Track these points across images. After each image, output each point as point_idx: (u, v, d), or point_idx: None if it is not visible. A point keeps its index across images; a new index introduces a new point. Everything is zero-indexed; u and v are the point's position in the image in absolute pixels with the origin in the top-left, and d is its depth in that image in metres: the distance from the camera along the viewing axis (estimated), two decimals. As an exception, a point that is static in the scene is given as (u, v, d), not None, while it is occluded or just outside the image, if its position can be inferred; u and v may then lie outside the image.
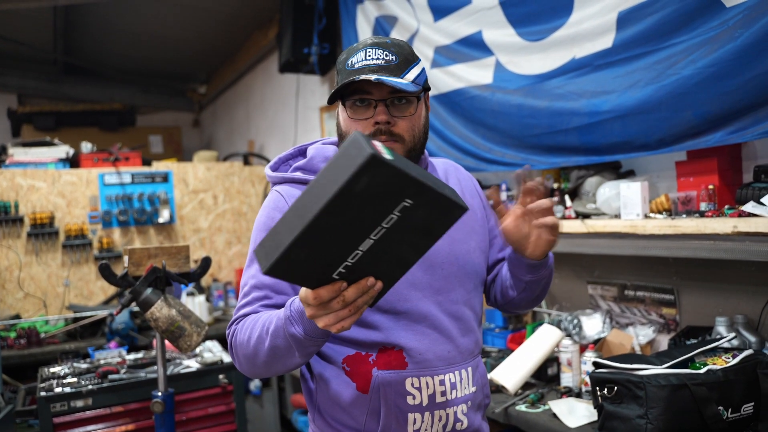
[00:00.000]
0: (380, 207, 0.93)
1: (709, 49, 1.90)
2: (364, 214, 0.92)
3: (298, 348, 1.17)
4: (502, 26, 2.66)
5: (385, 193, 0.91)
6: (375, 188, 0.89)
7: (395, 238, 0.97)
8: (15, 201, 4.04)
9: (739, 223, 1.82)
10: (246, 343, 1.27)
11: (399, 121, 1.33)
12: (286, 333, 1.16)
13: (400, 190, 0.92)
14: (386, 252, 0.99)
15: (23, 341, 3.49)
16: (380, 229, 0.94)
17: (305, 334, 1.13)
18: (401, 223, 0.95)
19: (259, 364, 1.26)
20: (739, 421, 1.70)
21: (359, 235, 0.94)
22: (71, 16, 5.08)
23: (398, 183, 0.91)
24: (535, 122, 2.52)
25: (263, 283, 1.34)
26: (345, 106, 1.35)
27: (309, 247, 0.91)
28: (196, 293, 3.96)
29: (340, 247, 0.94)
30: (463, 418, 1.38)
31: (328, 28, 4.11)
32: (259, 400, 4.00)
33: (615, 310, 2.59)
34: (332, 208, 0.88)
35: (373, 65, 1.30)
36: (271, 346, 1.20)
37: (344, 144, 0.90)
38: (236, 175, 4.86)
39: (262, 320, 1.25)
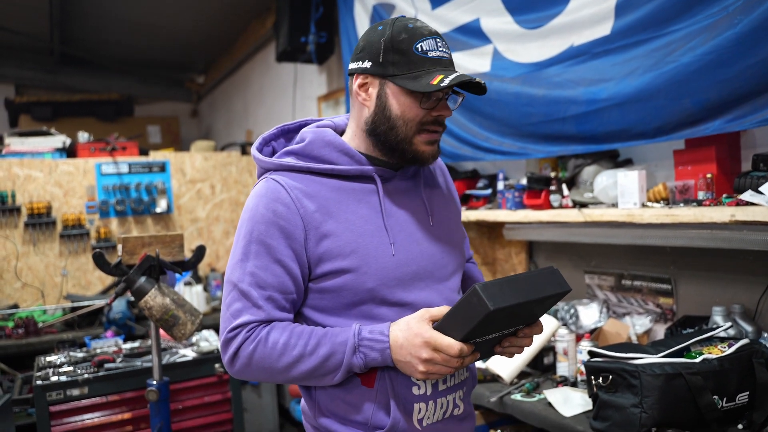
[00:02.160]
0: (521, 319, 1.25)
1: (708, 36, 1.88)
2: (518, 317, 1.23)
3: (343, 374, 1.26)
4: (499, 14, 2.63)
5: (533, 314, 1.27)
6: (542, 307, 1.26)
7: (489, 343, 1.27)
8: (12, 191, 4.03)
9: (736, 212, 1.81)
10: (276, 357, 1.25)
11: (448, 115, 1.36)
12: (345, 359, 1.24)
13: (533, 317, 1.28)
14: (478, 347, 1.23)
15: (21, 331, 3.49)
16: (501, 333, 1.25)
17: (365, 365, 1.24)
18: (503, 335, 1.28)
19: (281, 378, 1.29)
20: (733, 410, 1.70)
21: (498, 328, 1.22)
22: (68, 6, 5.05)
23: (541, 313, 1.29)
24: (533, 111, 2.50)
25: (266, 282, 1.27)
26: (408, 91, 1.29)
27: (501, 316, 1.14)
28: (194, 283, 3.95)
29: (486, 330, 1.18)
30: (460, 403, 1.40)
31: (325, 17, 4.08)
32: (257, 389, 3.99)
33: (612, 299, 2.59)
34: (536, 301, 1.18)
35: (446, 59, 1.31)
36: (315, 367, 1.25)
37: (551, 270, 1.24)
38: (234, 164, 4.84)
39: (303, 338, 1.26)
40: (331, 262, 1.28)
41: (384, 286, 1.30)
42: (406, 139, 1.31)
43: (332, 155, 1.34)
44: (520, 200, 2.67)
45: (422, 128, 1.31)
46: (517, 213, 2.64)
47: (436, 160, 1.41)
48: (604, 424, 1.76)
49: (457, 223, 1.53)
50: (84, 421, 2.55)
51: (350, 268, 1.28)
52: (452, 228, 1.48)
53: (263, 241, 1.28)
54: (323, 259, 1.28)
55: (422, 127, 1.31)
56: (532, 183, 2.58)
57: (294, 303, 1.32)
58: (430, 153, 1.33)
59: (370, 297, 1.29)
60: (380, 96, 1.32)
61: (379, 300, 1.30)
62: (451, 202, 1.53)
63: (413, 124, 1.30)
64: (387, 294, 1.30)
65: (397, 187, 1.39)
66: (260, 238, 1.28)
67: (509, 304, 1.11)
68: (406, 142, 1.31)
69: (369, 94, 1.34)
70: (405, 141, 1.31)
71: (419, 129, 1.31)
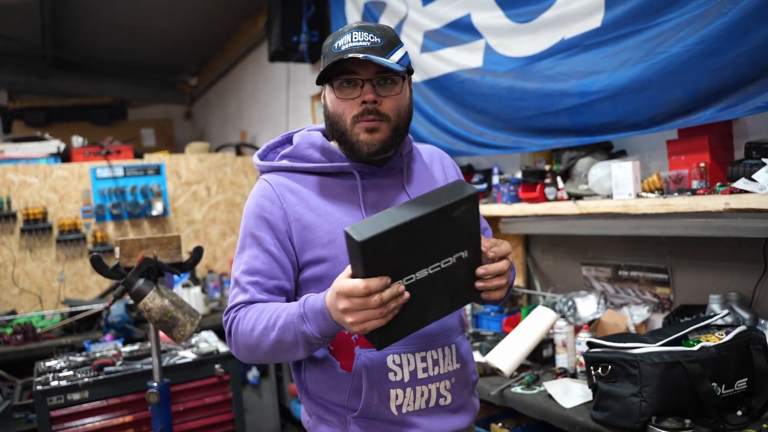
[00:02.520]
0: (450, 244, 1.15)
1: (698, 25, 1.88)
2: (438, 242, 1.13)
3: (304, 345, 1.25)
4: (490, 8, 2.64)
5: (460, 233, 1.15)
6: (461, 221, 1.13)
7: (437, 285, 1.16)
8: (7, 197, 4.03)
9: (730, 200, 1.82)
10: (249, 333, 1.32)
11: (385, 101, 1.36)
12: (296, 330, 1.23)
13: (468, 238, 1.16)
14: (426, 294, 1.16)
15: (20, 337, 3.48)
16: (437, 267, 1.14)
17: (319, 334, 1.21)
18: (450, 271, 1.16)
19: (260, 354, 1.33)
20: (732, 396, 1.71)
21: (423, 261, 1.13)
22: (59, 9, 5.03)
23: (471, 228, 1.16)
24: (526, 104, 2.51)
25: (255, 269, 1.37)
26: (333, 87, 1.37)
27: (395, 243, 1.08)
28: (192, 284, 3.95)
29: (409, 262, 1.12)
30: (447, 393, 1.41)
31: (316, 16, 4.08)
32: (258, 389, 4.00)
33: (609, 290, 2.60)
34: (430, 218, 1.09)
35: (360, 47, 1.32)
36: (277, 339, 1.27)
37: (451, 183, 1.16)
38: (229, 165, 4.84)
39: (269, 312, 1.29)
40: (311, 251, 1.37)
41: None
42: (347, 132, 1.37)
43: (315, 155, 1.43)
44: (515, 194, 2.68)
45: (357, 119, 1.35)
46: (512, 207, 2.65)
47: (376, 150, 1.37)
48: (605, 414, 1.77)
49: None
50: (85, 425, 2.55)
51: (327, 257, 1.36)
52: None
53: (253, 234, 1.40)
54: (305, 249, 1.37)
55: (357, 119, 1.35)
56: (527, 176, 2.59)
57: (283, 290, 1.38)
58: (365, 141, 1.36)
59: None
60: (324, 100, 1.43)
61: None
62: None
63: (346, 117, 1.36)
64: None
65: (379, 183, 1.44)
66: (251, 231, 1.40)
67: (384, 231, 1.05)
68: (347, 134, 1.37)
69: (323, 101, 1.45)
70: (346, 133, 1.38)
71: (354, 121, 1.36)
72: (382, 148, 1.37)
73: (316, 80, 1.39)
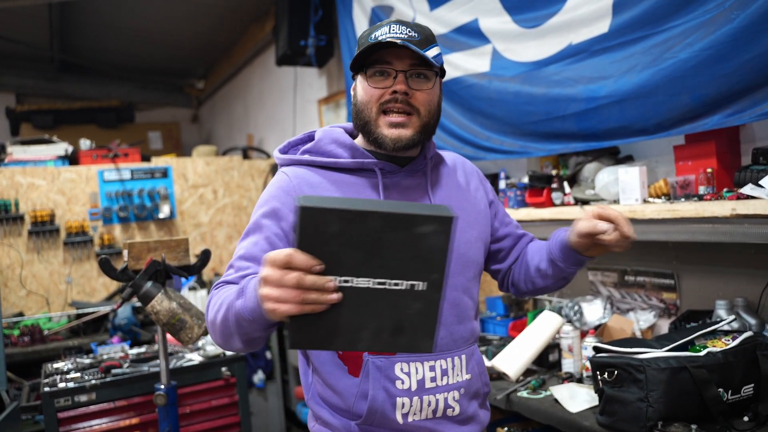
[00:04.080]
0: (407, 266, 0.98)
1: (705, 31, 1.89)
2: (393, 256, 0.97)
3: (234, 324, 1.14)
4: (498, 14, 2.65)
5: (421, 258, 0.98)
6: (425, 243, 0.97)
7: (378, 308, 1.00)
8: (15, 199, 4.05)
9: (737, 206, 1.82)
10: (210, 311, 1.25)
11: (417, 94, 1.34)
12: (232, 306, 1.15)
13: (428, 268, 0.99)
14: (363, 310, 1.00)
15: (27, 339, 3.50)
16: (383, 283, 0.99)
17: (245, 310, 1.10)
18: (398, 297, 1.00)
19: (217, 335, 1.24)
20: (739, 402, 1.71)
21: (369, 269, 0.98)
22: (67, 14, 5.07)
23: (436, 258, 0.98)
24: (533, 109, 2.52)
25: (251, 255, 1.32)
26: (365, 76, 1.36)
27: (342, 229, 0.94)
28: (198, 287, 3.96)
29: (352, 263, 0.97)
30: (455, 404, 1.38)
31: (324, 20, 4.10)
32: (263, 392, 4.01)
33: (615, 295, 2.60)
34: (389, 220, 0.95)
35: (397, 37, 1.31)
36: (223, 318, 1.18)
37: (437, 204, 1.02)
38: (236, 169, 4.86)
39: (229, 290, 1.22)
40: None
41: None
42: (371, 121, 1.36)
43: (337, 150, 1.42)
44: (522, 199, 2.68)
45: (382, 108, 1.35)
46: (519, 211, 2.66)
47: (402, 146, 1.35)
48: (611, 418, 1.77)
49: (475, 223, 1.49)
50: (92, 426, 2.56)
51: None
52: (461, 229, 1.45)
53: (258, 222, 1.36)
54: None
55: (382, 107, 1.35)
56: (533, 181, 2.59)
57: None
58: (390, 137, 1.34)
59: None
60: (354, 91, 1.42)
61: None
62: (469, 202, 1.50)
63: (372, 104, 1.35)
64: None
65: (401, 183, 1.42)
66: (258, 219, 1.37)
67: (330, 207, 0.92)
68: (372, 124, 1.36)
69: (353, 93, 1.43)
70: (370, 123, 1.37)
71: (380, 109, 1.35)
72: (408, 143, 1.35)
73: (350, 65, 1.38)
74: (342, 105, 4.33)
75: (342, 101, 4.31)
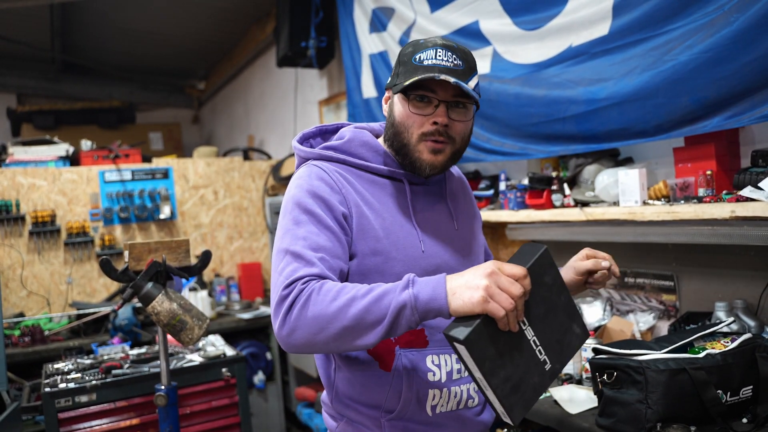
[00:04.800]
0: (554, 345, 1.20)
1: (705, 34, 1.89)
2: (552, 329, 1.19)
3: (391, 318, 1.12)
4: (498, 16, 2.65)
5: (563, 347, 1.22)
6: (569, 338, 1.22)
7: (522, 361, 1.16)
8: (16, 200, 4.05)
9: (737, 208, 1.82)
10: (327, 303, 1.15)
11: (455, 124, 1.36)
12: (394, 298, 1.12)
13: (561, 357, 1.22)
14: (516, 353, 1.15)
15: (27, 339, 3.51)
16: (537, 345, 1.17)
17: (417, 300, 1.11)
18: (534, 364, 1.18)
19: (330, 330, 1.16)
20: (738, 404, 1.71)
21: (538, 328, 1.16)
22: (68, 14, 5.08)
23: (568, 353, 1.23)
24: (533, 111, 2.52)
25: (318, 245, 1.26)
26: (406, 98, 1.36)
27: (549, 283, 1.17)
28: (199, 288, 3.97)
29: (535, 312, 1.16)
30: (474, 395, 1.43)
31: (325, 21, 4.10)
32: (264, 393, 4.01)
33: (615, 297, 2.60)
34: (572, 305, 1.21)
35: (443, 66, 1.32)
36: (366, 308, 1.13)
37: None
38: (236, 170, 4.87)
39: (357, 287, 1.17)
40: (366, 241, 1.33)
41: (410, 273, 1.26)
42: (409, 145, 1.37)
43: (368, 154, 1.43)
44: (522, 200, 2.68)
45: (424, 137, 1.35)
46: (519, 213, 2.66)
47: (436, 172, 1.39)
48: (610, 420, 1.77)
49: (479, 229, 1.62)
50: (93, 427, 2.57)
51: (381, 250, 1.33)
52: (475, 234, 1.57)
53: (311, 211, 1.30)
54: (361, 237, 1.33)
55: (424, 137, 1.35)
56: (533, 183, 2.60)
57: (342, 273, 1.29)
58: (429, 162, 1.36)
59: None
60: (390, 105, 1.43)
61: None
62: (472, 214, 1.61)
63: (413, 131, 1.36)
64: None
65: (424, 191, 1.47)
66: (308, 208, 1.30)
67: (555, 265, 1.17)
68: (410, 147, 1.37)
69: (388, 106, 1.44)
70: (408, 146, 1.37)
71: (421, 137, 1.35)
72: (441, 170, 1.39)
73: (393, 87, 1.37)
74: (342, 106, 4.33)
75: (342, 102, 4.32)
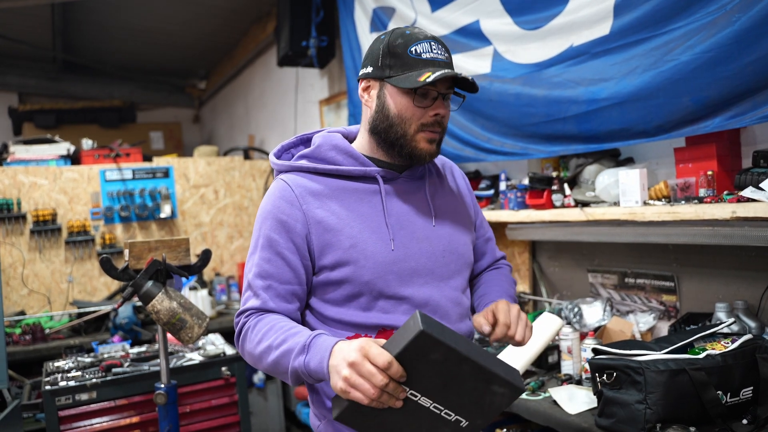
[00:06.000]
0: (466, 406, 1.15)
1: (706, 34, 1.89)
2: (460, 395, 1.13)
3: (293, 376, 1.24)
4: (499, 15, 2.65)
5: (481, 406, 1.16)
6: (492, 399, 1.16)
7: (420, 425, 1.14)
8: (17, 198, 4.05)
9: (738, 209, 1.82)
10: (255, 344, 1.32)
11: (446, 115, 1.41)
12: (291, 360, 1.22)
13: (480, 415, 1.17)
14: (406, 421, 1.14)
15: (28, 337, 3.51)
16: (438, 410, 1.13)
17: (306, 368, 1.19)
18: (441, 424, 1.15)
19: (261, 367, 1.34)
20: (738, 405, 1.71)
21: (435, 395, 1.12)
22: (69, 14, 5.08)
23: (491, 411, 1.17)
24: (534, 111, 2.52)
25: (267, 273, 1.37)
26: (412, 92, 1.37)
27: (440, 360, 1.07)
28: (199, 287, 3.97)
29: (427, 384, 1.10)
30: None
31: (325, 21, 4.10)
32: (263, 392, 4.01)
33: (615, 297, 2.60)
34: (479, 371, 1.10)
35: (441, 60, 1.36)
36: (275, 361, 1.26)
37: (511, 367, 1.16)
38: (237, 169, 4.87)
39: (277, 331, 1.28)
40: (331, 254, 1.36)
41: (381, 279, 1.35)
42: (406, 136, 1.39)
43: (338, 157, 1.44)
44: (522, 200, 2.68)
45: (422, 128, 1.38)
46: (519, 213, 2.66)
47: (433, 159, 1.45)
48: (609, 420, 1.77)
49: (467, 225, 1.57)
50: (93, 425, 2.57)
51: (349, 260, 1.35)
52: (459, 229, 1.52)
53: (267, 235, 1.38)
54: (324, 252, 1.36)
55: (423, 128, 1.38)
56: (534, 183, 2.59)
57: (295, 295, 1.38)
58: (428, 151, 1.40)
59: (368, 289, 1.36)
60: (380, 97, 1.42)
61: (376, 293, 1.36)
62: (462, 205, 1.58)
63: (412, 122, 1.38)
64: (384, 287, 1.36)
65: (400, 188, 1.46)
66: (266, 233, 1.39)
67: (443, 341, 1.05)
68: (405, 138, 1.39)
69: (371, 96, 1.43)
70: (404, 138, 1.39)
71: (419, 128, 1.38)
72: (434, 155, 1.43)
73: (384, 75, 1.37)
74: (343, 106, 4.33)
75: (343, 102, 4.31)
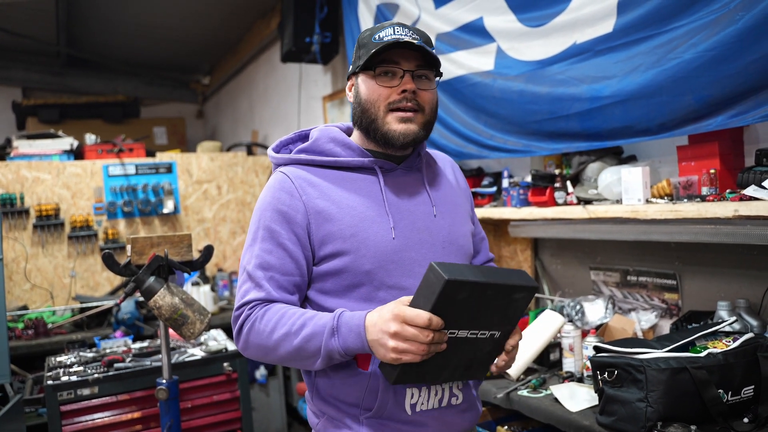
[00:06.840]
0: (495, 320, 1.24)
1: (709, 32, 1.89)
2: (488, 314, 1.21)
3: (324, 358, 1.26)
4: (503, 12, 2.65)
5: (507, 315, 1.25)
6: (514, 305, 1.24)
7: (464, 351, 1.23)
8: (20, 193, 4.06)
9: (740, 207, 1.82)
10: (267, 334, 1.31)
11: (422, 93, 1.40)
12: (323, 342, 1.24)
13: (508, 322, 1.28)
14: (452, 354, 1.21)
15: (31, 332, 3.52)
16: (474, 334, 1.22)
17: (344, 350, 1.23)
18: (479, 343, 1.24)
19: (273, 357, 1.34)
20: (739, 403, 1.71)
21: (469, 324, 1.19)
22: (73, 8, 5.08)
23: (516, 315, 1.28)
24: (537, 108, 2.52)
25: (268, 264, 1.36)
26: (371, 75, 1.39)
27: (467, 296, 1.14)
28: (201, 283, 3.98)
29: (460, 319, 1.17)
30: (458, 393, 1.43)
31: (329, 17, 4.10)
32: (265, 388, 4.02)
33: (617, 295, 2.60)
34: (501, 289, 1.18)
35: (403, 40, 1.35)
36: (299, 347, 1.27)
37: (514, 270, 1.25)
38: (240, 165, 4.87)
39: (292, 317, 1.29)
40: (332, 244, 1.36)
41: (381, 269, 1.35)
42: (377, 119, 1.39)
43: (335, 149, 1.44)
44: (524, 197, 2.68)
45: (391, 107, 1.38)
46: (522, 210, 2.66)
47: (410, 141, 1.40)
48: (610, 418, 1.77)
49: (465, 220, 1.57)
50: (94, 420, 2.58)
51: (349, 250, 1.35)
52: (458, 223, 1.52)
53: (268, 227, 1.38)
54: (325, 242, 1.36)
55: (391, 107, 1.38)
56: (536, 180, 2.59)
57: (297, 286, 1.38)
58: (401, 131, 1.38)
59: (368, 279, 1.35)
60: (356, 89, 1.45)
61: (377, 283, 1.36)
62: (459, 199, 1.58)
63: (380, 104, 1.38)
64: (385, 277, 1.36)
65: (399, 180, 1.46)
66: (266, 224, 1.39)
67: (467, 280, 1.11)
68: (379, 121, 1.39)
69: (352, 92, 1.47)
70: (376, 121, 1.40)
71: (388, 108, 1.38)
72: (414, 139, 1.40)
73: (355, 68, 1.41)
74: (346, 102, 4.33)
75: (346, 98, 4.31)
